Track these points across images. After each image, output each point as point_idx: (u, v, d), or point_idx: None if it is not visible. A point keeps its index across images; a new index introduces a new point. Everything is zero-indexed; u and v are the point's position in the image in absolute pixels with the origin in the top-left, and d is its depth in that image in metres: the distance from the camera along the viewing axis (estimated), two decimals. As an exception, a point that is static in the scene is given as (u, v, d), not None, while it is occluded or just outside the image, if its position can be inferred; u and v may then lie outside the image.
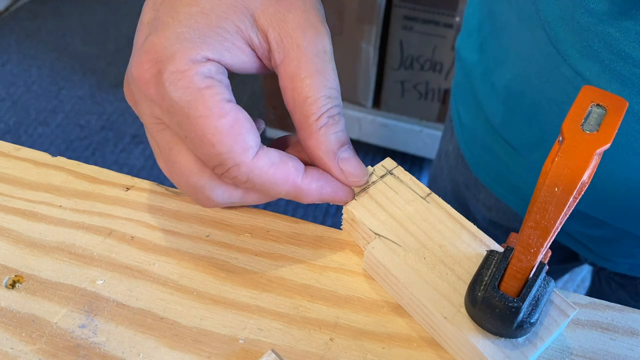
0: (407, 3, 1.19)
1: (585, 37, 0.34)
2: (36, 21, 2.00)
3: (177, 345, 0.28)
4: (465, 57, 0.52)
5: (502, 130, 0.47)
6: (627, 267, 0.48)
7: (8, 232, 0.32)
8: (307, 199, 0.29)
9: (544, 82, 0.39)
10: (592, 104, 0.21)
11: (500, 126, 0.47)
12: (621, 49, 0.32)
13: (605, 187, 0.39)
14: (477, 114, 0.50)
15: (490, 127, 0.48)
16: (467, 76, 0.51)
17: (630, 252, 0.46)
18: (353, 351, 0.27)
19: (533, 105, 0.42)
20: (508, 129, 0.46)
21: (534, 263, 0.24)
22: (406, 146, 1.44)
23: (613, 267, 0.49)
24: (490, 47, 0.47)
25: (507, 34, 0.44)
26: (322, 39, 0.28)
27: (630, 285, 0.52)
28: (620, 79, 0.33)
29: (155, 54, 0.26)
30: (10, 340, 0.28)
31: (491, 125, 0.48)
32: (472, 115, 0.51)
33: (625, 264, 0.48)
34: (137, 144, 1.62)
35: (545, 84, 0.39)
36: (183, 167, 0.28)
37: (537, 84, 0.40)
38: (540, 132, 0.42)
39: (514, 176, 0.48)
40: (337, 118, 0.29)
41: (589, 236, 0.46)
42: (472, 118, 0.51)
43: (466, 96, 0.52)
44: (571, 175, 0.20)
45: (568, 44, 0.36)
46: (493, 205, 0.54)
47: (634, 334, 0.28)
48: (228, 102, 0.26)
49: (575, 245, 0.49)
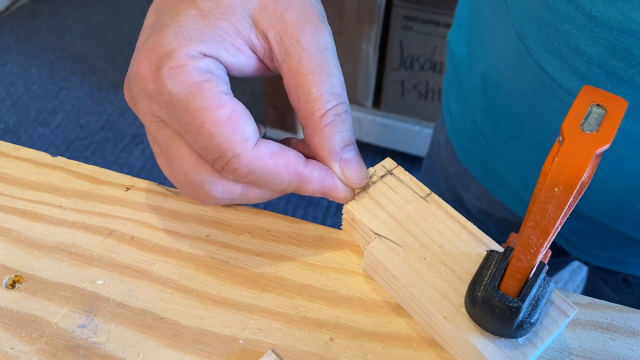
0: (407, 3, 1.19)
1: (547, 33, 0.35)
2: (36, 21, 2.00)
3: (177, 345, 0.28)
4: (455, 49, 0.53)
5: (481, 123, 0.48)
6: (606, 261, 0.48)
7: (8, 232, 0.32)
8: (309, 187, 0.29)
9: (515, 76, 0.41)
10: (592, 104, 0.21)
11: (480, 119, 0.48)
12: (578, 46, 0.33)
13: None
14: (464, 105, 0.51)
15: (474, 120, 0.49)
16: (456, 69, 0.53)
17: (608, 245, 0.46)
18: (353, 351, 0.27)
19: (507, 98, 0.43)
20: (486, 121, 0.47)
21: (534, 263, 0.24)
22: (406, 146, 1.44)
23: (595, 261, 0.49)
24: (473, 40, 0.49)
25: (484, 27, 0.45)
26: (323, 36, 0.28)
27: (613, 281, 0.53)
28: (579, 75, 0.34)
29: (154, 51, 0.27)
30: (10, 340, 0.28)
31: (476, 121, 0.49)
32: (461, 107, 0.52)
33: (604, 258, 0.48)
34: (137, 144, 1.62)
35: (516, 77, 0.41)
36: (183, 162, 0.28)
37: (510, 77, 0.41)
38: (514, 125, 0.43)
39: (498, 168, 0.49)
40: (344, 117, 0.29)
41: (569, 229, 0.47)
42: (461, 110, 0.52)
43: (455, 88, 0.53)
44: (571, 175, 0.20)
45: (532, 39, 0.37)
46: (482, 196, 0.55)
47: (634, 334, 0.28)
48: (225, 94, 0.27)
49: (559, 238, 0.50)
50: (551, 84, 0.37)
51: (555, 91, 0.37)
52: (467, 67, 0.49)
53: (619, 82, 0.33)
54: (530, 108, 0.40)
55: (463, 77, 0.51)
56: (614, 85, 0.33)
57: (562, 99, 0.36)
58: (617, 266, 0.48)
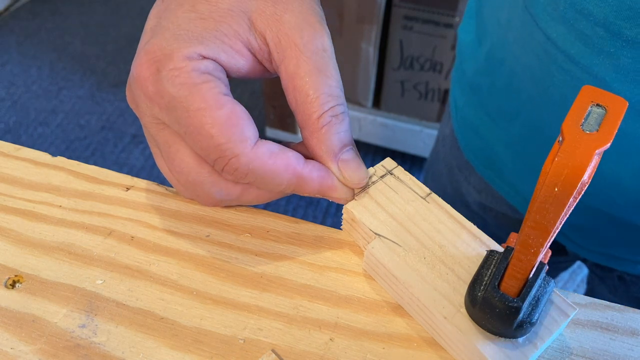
0: (407, 3, 1.19)
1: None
2: (36, 21, 2.00)
3: (177, 345, 0.28)
4: (463, 39, 0.54)
5: (485, 101, 0.49)
6: (602, 257, 0.49)
7: (8, 232, 0.32)
8: (308, 187, 0.29)
9: (520, 48, 0.41)
10: (592, 104, 0.21)
11: (485, 96, 0.49)
12: (584, 7, 0.34)
13: None
14: (469, 94, 0.52)
15: (479, 105, 0.50)
16: (462, 56, 0.54)
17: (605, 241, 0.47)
18: (353, 351, 0.27)
19: (511, 73, 0.44)
20: (489, 98, 0.48)
21: (534, 263, 0.24)
22: (406, 146, 1.44)
23: (591, 257, 0.49)
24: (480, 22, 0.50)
25: (492, 4, 0.46)
26: (321, 38, 0.28)
27: (609, 279, 0.53)
28: (583, 39, 0.35)
29: (154, 54, 0.27)
30: (10, 340, 0.28)
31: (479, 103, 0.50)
32: (465, 97, 0.53)
33: (601, 254, 0.49)
34: (137, 144, 1.62)
35: (521, 49, 0.41)
36: (183, 163, 0.28)
37: (515, 50, 0.42)
38: (517, 101, 0.44)
39: (498, 159, 0.50)
40: (342, 117, 0.29)
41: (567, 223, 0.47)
42: (465, 100, 0.53)
43: (460, 78, 0.54)
44: (571, 175, 0.20)
45: (540, 8, 0.38)
46: (483, 189, 0.56)
47: (634, 334, 0.28)
48: (225, 95, 0.27)
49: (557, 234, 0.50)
50: (555, 52, 0.37)
51: (559, 59, 0.37)
52: (473, 51, 0.50)
53: (623, 42, 0.33)
54: (534, 81, 0.41)
55: (468, 63, 0.52)
56: (617, 48, 0.34)
57: (565, 67, 0.37)
58: (613, 263, 0.49)
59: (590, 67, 0.36)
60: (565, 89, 0.38)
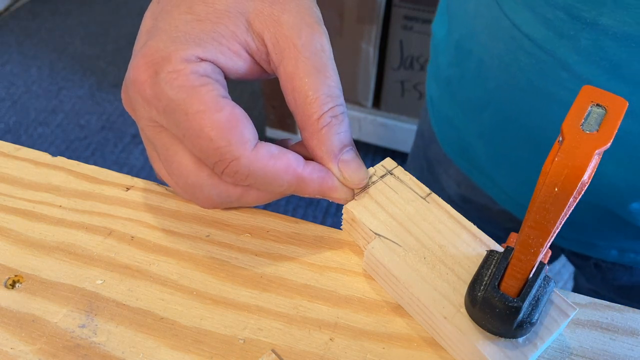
0: (407, 3, 1.19)
1: None
2: (36, 21, 2.00)
3: (177, 345, 0.28)
4: (436, 33, 0.55)
5: (456, 93, 0.50)
6: (578, 244, 0.49)
7: (8, 232, 0.32)
8: (308, 188, 0.29)
9: (487, 36, 0.43)
10: (592, 104, 0.21)
11: (456, 88, 0.50)
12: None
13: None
14: (443, 87, 0.53)
15: (451, 98, 0.51)
16: (436, 51, 0.54)
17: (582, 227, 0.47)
18: (353, 351, 0.27)
19: (479, 62, 0.45)
20: (460, 89, 0.49)
21: (534, 263, 0.24)
22: (406, 146, 1.44)
23: (567, 244, 0.50)
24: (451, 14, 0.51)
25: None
26: (319, 38, 0.28)
27: (586, 267, 0.53)
28: (546, 23, 0.36)
29: (151, 56, 0.27)
30: (10, 340, 0.28)
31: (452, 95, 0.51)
32: (440, 90, 0.54)
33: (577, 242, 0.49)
34: (137, 144, 1.62)
35: (489, 38, 0.42)
36: (182, 166, 0.28)
37: (482, 39, 0.44)
38: (486, 91, 0.45)
39: (472, 150, 0.50)
40: (341, 118, 0.29)
41: None
42: (440, 93, 0.54)
43: (435, 72, 0.55)
44: (571, 175, 0.20)
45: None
46: (462, 181, 0.56)
47: (634, 334, 0.28)
48: (223, 97, 0.27)
49: None
50: (521, 37, 0.39)
51: (525, 45, 0.38)
52: (445, 43, 0.51)
53: (582, 25, 0.34)
54: (501, 69, 0.42)
55: (440, 55, 0.53)
56: (577, 30, 0.34)
57: (530, 52, 0.38)
58: (589, 250, 0.49)
59: (553, 51, 0.37)
60: (531, 74, 0.39)
